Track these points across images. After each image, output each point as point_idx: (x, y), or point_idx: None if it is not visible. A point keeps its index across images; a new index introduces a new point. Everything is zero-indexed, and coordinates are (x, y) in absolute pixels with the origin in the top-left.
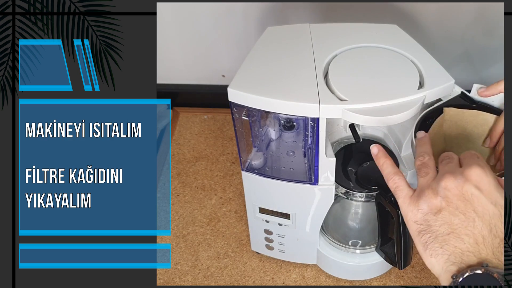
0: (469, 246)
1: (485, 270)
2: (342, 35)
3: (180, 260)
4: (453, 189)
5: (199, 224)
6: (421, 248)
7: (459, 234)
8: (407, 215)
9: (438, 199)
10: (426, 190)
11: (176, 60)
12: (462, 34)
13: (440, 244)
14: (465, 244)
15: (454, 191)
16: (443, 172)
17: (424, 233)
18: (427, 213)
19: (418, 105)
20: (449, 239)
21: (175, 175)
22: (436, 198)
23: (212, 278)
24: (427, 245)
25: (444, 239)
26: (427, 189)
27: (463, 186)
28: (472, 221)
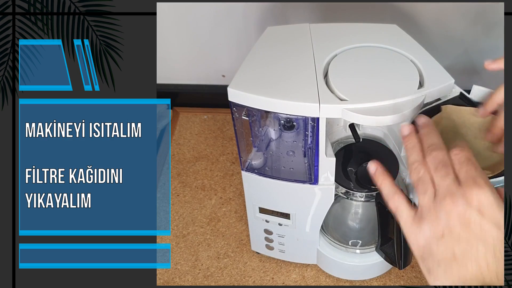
0: (472, 273)
1: None
2: (342, 35)
3: (180, 260)
4: (455, 216)
5: (199, 224)
6: (425, 272)
7: (462, 261)
8: (410, 237)
9: (440, 226)
10: (427, 214)
11: (176, 60)
12: (462, 34)
13: (443, 270)
14: (469, 271)
15: (456, 219)
16: (443, 193)
17: (427, 259)
18: (429, 237)
19: (418, 105)
20: (452, 266)
21: (175, 175)
22: (438, 225)
23: (212, 278)
24: (430, 271)
25: (447, 266)
26: (428, 213)
27: (465, 212)
28: (476, 248)
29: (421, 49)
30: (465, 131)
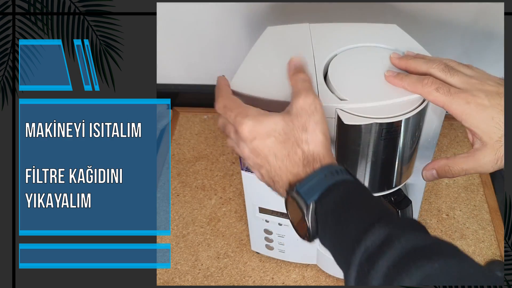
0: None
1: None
2: (342, 35)
3: (180, 260)
4: (245, 153)
5: (199, 224)
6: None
7: (275, 180)
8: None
9: (249, 163)
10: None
11: (176, 60)
12: (462, 34)
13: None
14: (279, 183)
15: (246, 154)
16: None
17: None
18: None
19: (418, 105)
20: (277, 188)
21: (175, 175)
22: (248, 162)
23: (212, 278)
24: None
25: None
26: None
27: (245, 147)
28: (268, 165)
29: (421, 49)
30: None
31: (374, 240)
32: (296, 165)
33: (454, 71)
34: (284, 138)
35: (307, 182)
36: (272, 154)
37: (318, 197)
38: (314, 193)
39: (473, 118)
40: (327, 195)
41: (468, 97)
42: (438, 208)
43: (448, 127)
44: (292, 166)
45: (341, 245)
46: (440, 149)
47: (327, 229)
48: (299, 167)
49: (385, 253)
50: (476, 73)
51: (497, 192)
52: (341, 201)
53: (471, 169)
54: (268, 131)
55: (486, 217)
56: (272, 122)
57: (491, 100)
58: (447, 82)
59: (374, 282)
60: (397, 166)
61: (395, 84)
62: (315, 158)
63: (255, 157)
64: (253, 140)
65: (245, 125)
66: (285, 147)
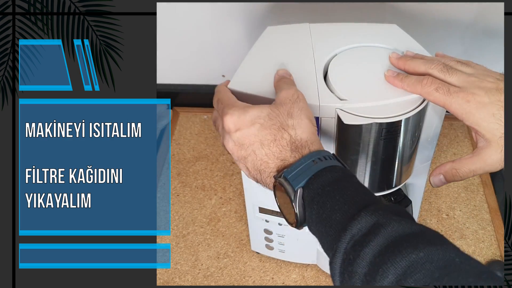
0: (268, 171)
1: (274, 184)
2: (342, 35)
3: (180, 260)
4: (228, 147)
5: (199, 224)
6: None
7: (262, 169)
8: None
9: (234, 157)
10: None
11: (176, 60)
12: (462, 34)
13: (266, 182)
14: (266, 171)
15: (229, 147)
16: (223, 134)
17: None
18: (245, 171)
19: (418, 104)
20: (263, 178)
21: (175, 175)
22: (234, 156)
23: (212, 278)
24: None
25: (262, 179)
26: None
27: (229, 140)
28: (254, 154)
29: (421, 49)
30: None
31: (360, 227)
32: (284, 150)
33: (452, 70)
34: (270, 123)
35: (295, 168)
36: (257, 141)
37: (305, 183)
38: (301, 179)
39: (473, 116)
40: (314, 181)
41: (467, 95)
42: (438, 208)
43: (448, 127)
44: (279, 151)
45: (327, 232)
46: (440, 149)
47: (314, 215)
48: (286, 152)
49: (371, 241)
50: (476, 70)
51: (497, 192)
52: (329, 187)
53: (478, 169)
54: (252, 119)
55: (486, 217)
56: (257, 111)
57: (490, 97)
58: (446, 81)
59: (359, 270)
60: (397, 166)
61: (395, 84)
62: (303, 144)
63: (239, 149)
64: (237, 131)
65: (229, 115)
66: (271, 133)
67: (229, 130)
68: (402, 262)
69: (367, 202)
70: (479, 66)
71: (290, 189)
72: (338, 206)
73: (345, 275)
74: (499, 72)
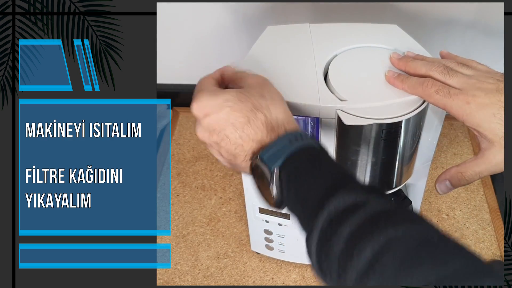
0: (244, 155)
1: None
2: (342, 35)
3: (180, 260)
4: (200, 136)
5: (199, 224)
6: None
7: (237, 153)
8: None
9: (209, 148)
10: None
11: (176, 60)
12: (462, 34)
13: (241, 170)
14: (241, 155)
15: (201, 136)
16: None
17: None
18: (221, 160)
19: (418, 105)
20: (237, 164)
21: (175, 175)
22: (210, 148)
23: (212, 278)
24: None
25: (237, 166)
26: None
27: (200, 127)
28: (227, 138)
29: (421, 49)
30: None
31: (337, 205)
32: (260, 131)
33: (453, 72)
34: (241, 106)
35: (271, 148)
36: (229, 125)
37: (282, 163)
38: (278, 159)
39: (474, 118)
40: (291, 161)
41: (467, 97)
42: (438, 208)
43: (448, 127)
44: (255, 133)
45: (304, 211)
46: (440, 149)
47: (292, 195)
48: (262, 132)
49: (348, 218)
50: (477, 72)
51: (497, 192)
52: (306, 166)
53: (484, 171)
54: (220, 103)
55: (486, 217)
56: (226, 94)
57: (491, 97)
58: (446, 83)
59: (335, 248)
60: (397, 167)
61: (396, 85)
62: (279, 123)
63: (211, 135)
64: (206, 117)
65: (196, 101)
66: (244, 115)
67: (197, 116)
68: (379, 238)
69: (344, 180)
70: (481, 66)
71: (267, 170)
72: (315, 185)
73: (321, 253)
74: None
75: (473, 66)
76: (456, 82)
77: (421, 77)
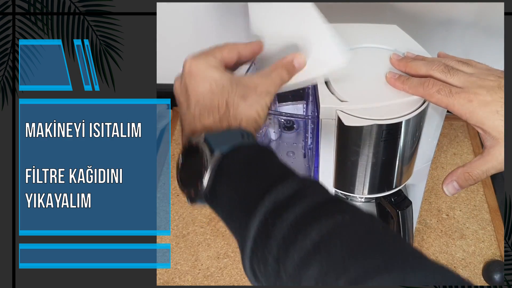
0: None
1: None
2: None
3: (180, 260)
4: (176, 89)
5: (199, 224)
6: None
7: (185, 123)
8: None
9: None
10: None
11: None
12: (462, 34)
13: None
14: (186, 130)
15: (177, 90)
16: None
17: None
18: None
19: (418, 106)
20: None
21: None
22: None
23: (212, 278)
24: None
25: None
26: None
27: (180, 81)
28: (187, 107)
29: (421, 49)
30: None
31: (283, 192)
32: (215, 120)
33: (454, 71)
34: (218, 92)
35: (220, 134)
36: (194, 97)
37: (228, 149)
38: (224, 144)
39: (477, 116)
40: (238, 151)
41: (469, 95)
42: (438, 208)
43: (448, 127)
44: (212, 121)
45: (242, 203)
46: (440, 149)
47: (228, 187)
48: (215, 120)
49: (295, 204)
50: (477, 70)
51: (497, 192)
52: (253, 160)
53: (491, 168)
54: (207, 77)
55: (486, 217)
56: (219, 74)
57: (493, 95)
58: (447, 82)
59: (276, 234)
60: (397, 167)
61: (397, 86)
62: (237, 122)
63: (182, 93)
64: (190, 77)
65: (194, 59)
66: (212, 101)
67: (184, 70)
68: (327, 223)
69: (290, 174)
70: (480, 65)
71: (207, 152)
72: (259, 177)
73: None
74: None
75: (473, 65)
76: (457, 81)
77: (422, 78)
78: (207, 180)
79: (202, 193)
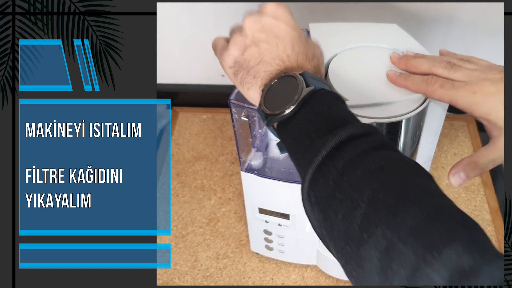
0: (277, 67)
1: (285, 74)
2: (342, 35)
3: (179, 261)
4: (252, 25)
5: (198, 224)
6: (239, 86)
7: (266, 61)
8: (223, 63)
9: (241, 39)
10: (232, 35)
11: (176, 60)
12: (462, 34)
13: (252, 75)
14: (273, 66)
15: (254, 26)
16: (244, 16)
17: (238, 73)
18: (236, 55)
19: (419, 105)
20: (259, 68)
21: (174, 175)
22: (240, 39)
23: (211, 278)
24: (243, 81)
25: (255, 70)
26: (233, 34)
27: (261, 19)
28: (276, 46)
29: (422, 48)
30: None
31: (357, 129)
32: (303, 59)
33: (456, 67)
34: (303, 38)
35: (314, 76)
36: (285, 37)
37: (319, 88)
38: (316, 84)
39: (482, 107)
40: (325, 93)
41: (473, 87)
42: None
43: (448, 127)
44: (302, 57)
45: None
46: (440, 149)
47: (309, 115)
48: (306, 61)
49: (368, 139)
50: (479, 66)
51: (497, 192)
52: (334, 102)
53: (498, 158)
54: (296, 27)
55: (487, 217)
56: (298, 27)
57: (497, 86)
58: (450, 78)
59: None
60: None
61: (398, 84)
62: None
63: (258, 31)
64: (273, 18)
65: (279, 5)
66: (300, 44)
67: (265, 12)
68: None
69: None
70: (482, 61)
71: (303, 84)
72: (341, 115)
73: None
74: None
75: (475, 61)
76: (460, 76)
77: (423, 74)
78: (295, 105)
79: (285, 116)
